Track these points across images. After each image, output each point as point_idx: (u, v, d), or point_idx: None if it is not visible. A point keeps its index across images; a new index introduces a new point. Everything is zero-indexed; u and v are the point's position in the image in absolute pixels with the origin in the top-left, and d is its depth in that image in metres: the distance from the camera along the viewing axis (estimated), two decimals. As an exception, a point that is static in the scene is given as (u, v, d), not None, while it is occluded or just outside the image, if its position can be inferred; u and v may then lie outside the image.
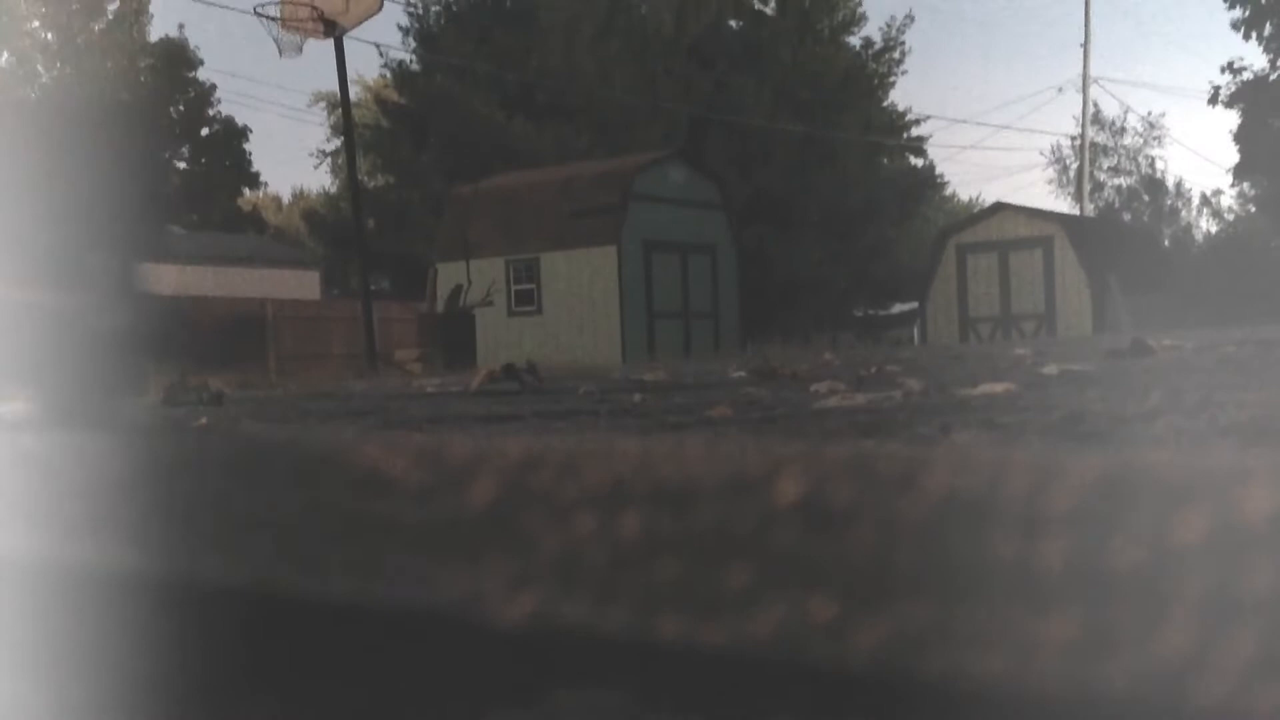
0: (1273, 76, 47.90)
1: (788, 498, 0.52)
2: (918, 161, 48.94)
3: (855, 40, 47.08)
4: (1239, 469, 0.46)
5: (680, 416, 3.39)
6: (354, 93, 22.71)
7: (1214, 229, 61.72)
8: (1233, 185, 56.20)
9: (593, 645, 0.54)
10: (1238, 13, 47.43)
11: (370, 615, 0.64)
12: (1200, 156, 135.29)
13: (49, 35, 48.53)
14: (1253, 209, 56.89)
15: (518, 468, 0.65)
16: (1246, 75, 48.18)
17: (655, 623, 0.51)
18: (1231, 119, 48.98)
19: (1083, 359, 5.83)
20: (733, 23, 46.04)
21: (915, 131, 48.00)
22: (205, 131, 54.36)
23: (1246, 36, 47.74)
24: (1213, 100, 48.85)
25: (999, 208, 29.64)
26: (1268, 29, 47.29)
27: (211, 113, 54.74)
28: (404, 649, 0.63)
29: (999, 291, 28.82)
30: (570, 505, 0.57)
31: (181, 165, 53.73)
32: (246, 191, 57.66)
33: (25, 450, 1.04)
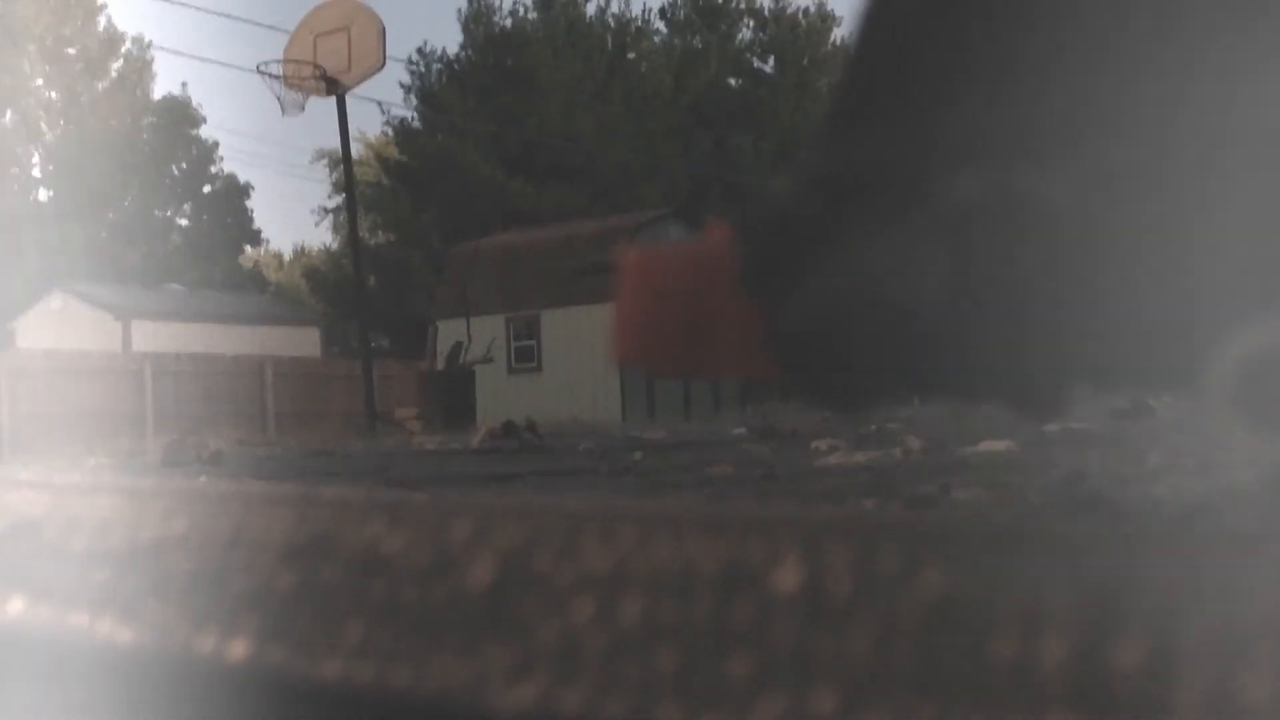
0: None
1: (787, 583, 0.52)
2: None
3: (853, 98, 47.33)
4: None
5: (680, 475, 3.38)
6: (355, 150, 22.86)
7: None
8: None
9: None
10: None
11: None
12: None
13: (53, 94, 48.87)
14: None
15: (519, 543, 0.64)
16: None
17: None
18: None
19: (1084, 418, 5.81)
20: (731, 81, 46.43)
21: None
22: (207, 189, 54.60)
23: None
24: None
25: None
26: None
27: (213, 170, 55.01)
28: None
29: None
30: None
31: (183, 223, 53.94)
32: (248, 249, 57.85)
33: (19, 515, 1.04)
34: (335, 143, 19.43)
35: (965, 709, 0.43)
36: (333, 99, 18.61)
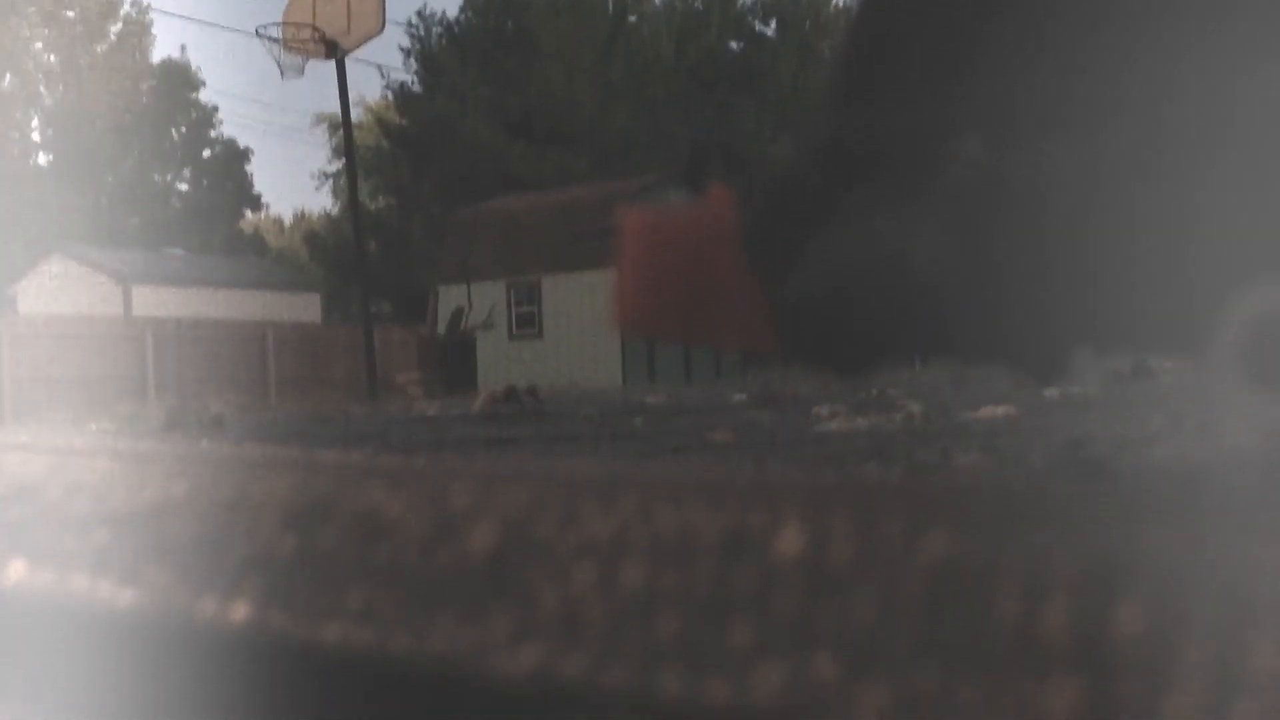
0: None
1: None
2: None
3: (855, 63, 47.10)
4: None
5: (681, 441, 3.38)
6: (355, 114, 22.76)
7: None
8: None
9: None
10: None
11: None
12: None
13: (52, 58, 48.67)
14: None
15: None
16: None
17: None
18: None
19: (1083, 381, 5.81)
20: (733, 44, 46.20)
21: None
22: (207, 153, 54.45)
23: None
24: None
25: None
26: None
27: (213, 134, 54.84)
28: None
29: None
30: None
31: (183, 187, 53.81)
32: (248, 214, 57.73)
33: (18, 477, 1.04)
34: (335, 107, 19.36)
35: (968, 675, 0.43)
36: (332, 62, 18.53)
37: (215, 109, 54.71)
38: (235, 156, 55.05)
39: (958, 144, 1.08)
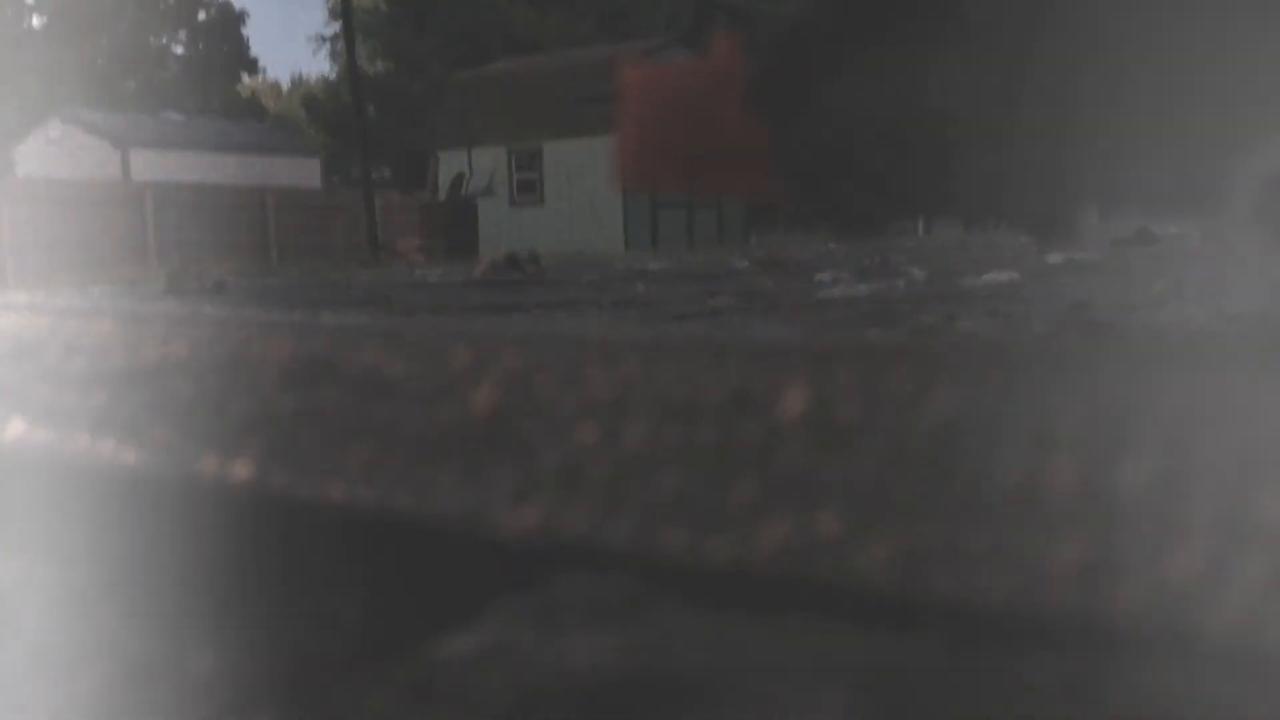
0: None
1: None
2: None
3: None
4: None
5: (684, 306, 3.37)
6: (352, -24, 22.33)
7: None
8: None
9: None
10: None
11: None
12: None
13: (41, -83, 47.62)
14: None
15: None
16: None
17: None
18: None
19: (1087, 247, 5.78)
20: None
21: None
22: (202, 16, 53.55)
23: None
24: None
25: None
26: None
27: (208, -4, 53.86)
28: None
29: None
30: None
31: (179, 50, 53.03)
32: (245, 78, 56.96)
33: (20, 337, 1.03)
34: (332, -33, 18.97)
35: (972, 531, 0.43)
36: (328, -79, 18.10)
37: (210, -31, 53.61)
38: (231, 19, 54.16)
39: None
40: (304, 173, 39.79)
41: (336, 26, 51.98)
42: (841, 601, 0.44)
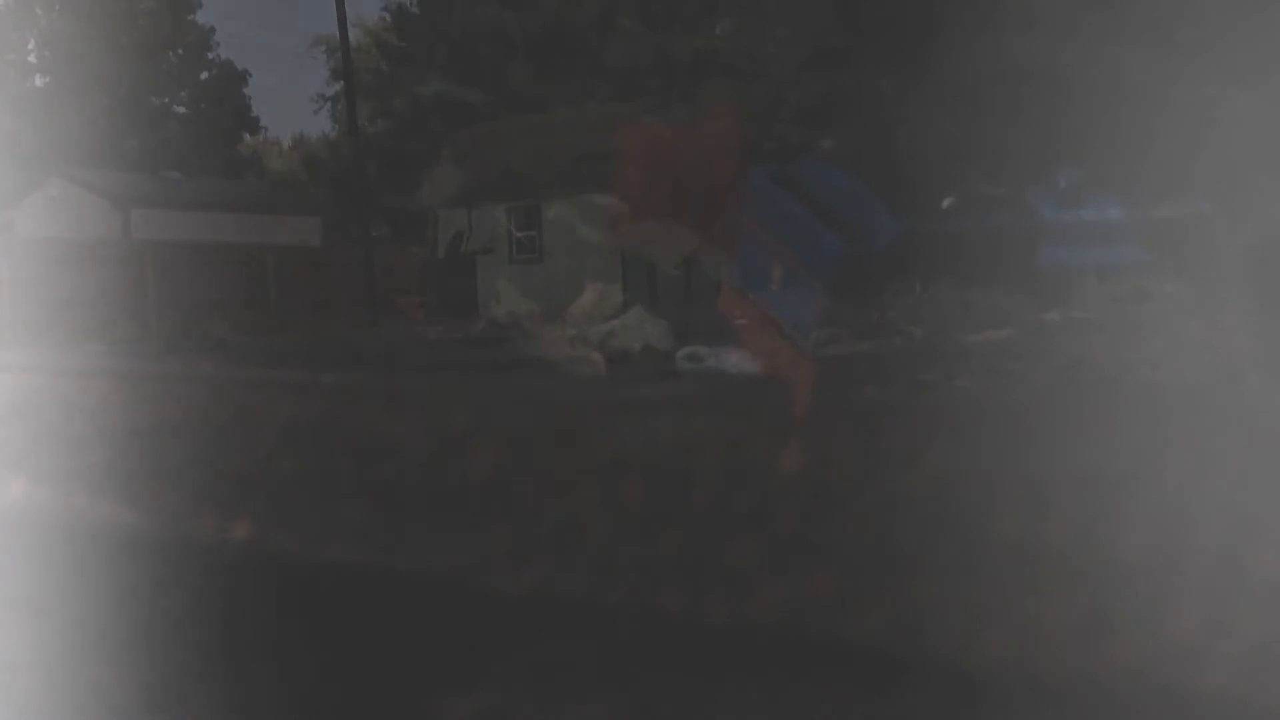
0: None
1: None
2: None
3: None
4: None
5: (683, 364, 3.38)
6: (353, 36, 22.54)
7: None
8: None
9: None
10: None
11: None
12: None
13: (46, -22, 48.10)
14: None
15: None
16: None
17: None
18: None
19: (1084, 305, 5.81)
20: (735, -35, 45.56)
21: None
22: (204, 76, 53.94)
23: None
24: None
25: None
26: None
27: (210, 56, 54.28)
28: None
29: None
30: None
31: (180, 110, 53.36)
32: (246, 137, 57.28)
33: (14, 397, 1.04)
34: (333, 28, 19.17)
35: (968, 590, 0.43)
36: (330, -17, 18.31)
37: (212, 30, 54.07)
38: (233, 79, 54.54)
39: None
40: (304, 231, 39.97)
41: (338, 86, 52.34)
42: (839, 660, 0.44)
